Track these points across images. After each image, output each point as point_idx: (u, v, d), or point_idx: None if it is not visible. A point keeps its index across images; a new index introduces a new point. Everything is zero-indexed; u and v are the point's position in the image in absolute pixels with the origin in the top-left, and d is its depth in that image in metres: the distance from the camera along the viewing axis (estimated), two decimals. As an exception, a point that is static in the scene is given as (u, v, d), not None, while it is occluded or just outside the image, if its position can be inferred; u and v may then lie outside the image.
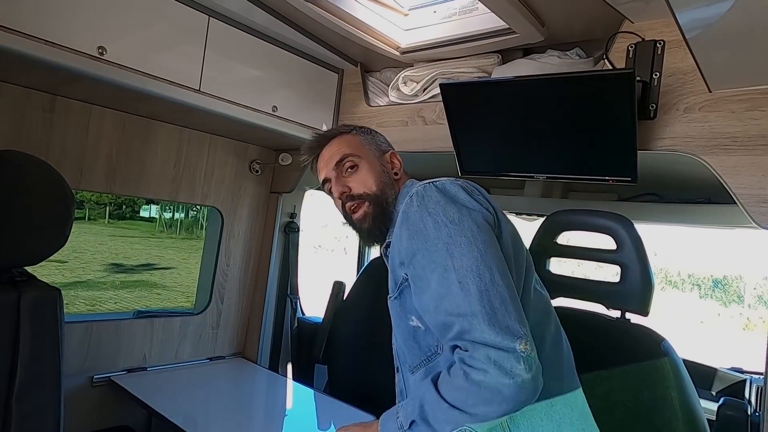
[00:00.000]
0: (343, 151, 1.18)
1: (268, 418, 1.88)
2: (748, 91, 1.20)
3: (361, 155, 1.18)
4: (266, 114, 1.82)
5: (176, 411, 1.63)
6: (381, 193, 1.15)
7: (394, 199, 1.15)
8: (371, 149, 1.21)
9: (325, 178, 1.20)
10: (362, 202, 1.14)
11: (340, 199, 1.17)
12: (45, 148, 1.63)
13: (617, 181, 1.38)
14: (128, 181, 1.87)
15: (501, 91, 1.46)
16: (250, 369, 2.22)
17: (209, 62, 1.62)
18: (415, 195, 0.97)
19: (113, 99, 1.68)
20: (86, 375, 1.82)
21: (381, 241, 1.17)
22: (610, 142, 1.34)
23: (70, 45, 1.31)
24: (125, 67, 1.43)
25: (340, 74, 2.07)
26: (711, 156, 1.24)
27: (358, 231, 1.18)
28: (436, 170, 2.41)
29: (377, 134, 1.27)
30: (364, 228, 1.15)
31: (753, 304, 14.96)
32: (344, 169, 1.17)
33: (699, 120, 1.27)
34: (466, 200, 0.97)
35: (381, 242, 1.17)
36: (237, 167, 2.22)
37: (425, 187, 0.98)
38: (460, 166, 1.66)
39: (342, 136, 1.22)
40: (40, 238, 0.93)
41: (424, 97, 1.81)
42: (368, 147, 1.21)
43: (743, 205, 1.19)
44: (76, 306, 8.29)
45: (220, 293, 2.23)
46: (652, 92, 1.32)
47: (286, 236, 2.39)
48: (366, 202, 1.14)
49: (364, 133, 1.24)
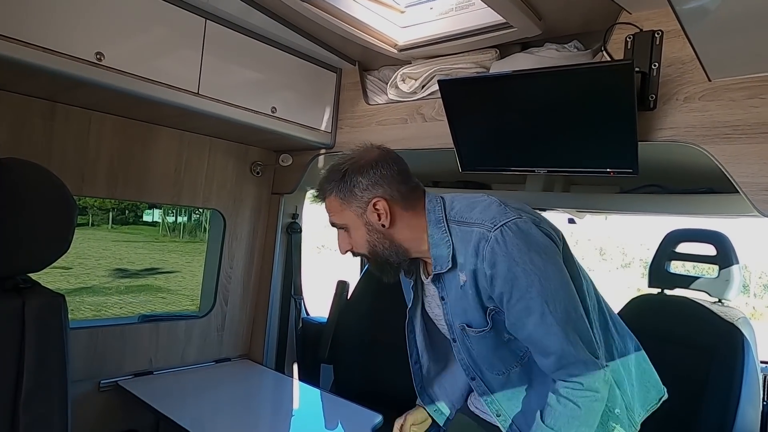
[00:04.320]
0: (331, 219, 1.22)
1: (276, 419, 1.89)
2: (748, 79, 1.19)
3: (345, 222, 1.20)
4: (265, 115, 1.82)
5: (184, 414, 1.64)
6: (371, 251, 1.20)
7: (390, 244, 1.19)
8: (352, 209, 1.18)
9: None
10: (363, 255, 1.23)
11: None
12: (46, 155, 1.64)
13: (618, 173, 1.37)
14: (130, 186, 1.87)
15: (499, 86, 1.46)
16: (256, 370, 2.22)
17: (207, 65, 1.62)
18: (498, 241, 1.07)
19: (112, 104, 1.68)
20: (93, 380, 1.83)
21: (400, 271, 1.27)
22: (611, 134, 1.34)
23: (68, 51, 1.32)
24: (123, 72, 1.43)
25: (339, 74, 2.07)
26: (712, 145, 1.24)
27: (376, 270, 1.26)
28: (437, 167, 2.41)
29: (355, 179, 1.17)
30: (377, 270, 1.24)
31: (759, 293, 14.92)
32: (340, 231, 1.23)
33: (699, 109, 1.26)
34: (542, 239, 1.10)
35: (401, 272, 1.28)
36: (238, 169, 2.22)
37: (504, 232, 1.07)
38: (461, 162, 1.66)
39: (327, 199, 1.21)
40: (42, 245, 0.94)
41: (422, 94, 1.81)
42: (349, 208, 1.18)
43: (746, 193, 1.19)
44: (81, 312, 8.31)
45: (224, 295, 2.24)
46: (652, 83, 1.32)
47: (289, 237, 2.39)
48: (366, 257, 1.23)
49: (342, 188, 1.17)
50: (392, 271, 1.23)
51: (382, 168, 1.17)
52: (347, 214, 1.18)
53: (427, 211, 1.20)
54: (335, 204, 1.19)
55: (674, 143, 1.30)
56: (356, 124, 2.02)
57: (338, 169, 1.19)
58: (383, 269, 1.23)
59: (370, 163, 1.17)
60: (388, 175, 1.17)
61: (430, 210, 1.20)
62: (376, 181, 1.16)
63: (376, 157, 1.19)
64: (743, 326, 1.64)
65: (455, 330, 1.23)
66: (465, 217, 1.17)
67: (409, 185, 1.21)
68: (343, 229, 1.21)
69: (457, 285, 1.16)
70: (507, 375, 1.22)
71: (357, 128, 2.01)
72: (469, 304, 1.16)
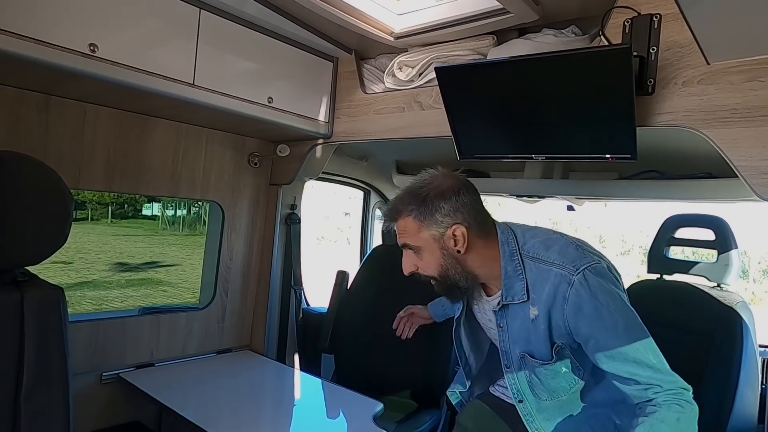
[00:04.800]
0: (402, 240, 1.27)
1: (278, 408, 1.90)
2: (747, 62, 1.18)
3: (419, 244, 1.24)
4: (262, 105, 1.81)
5: (186, 405, 1.65)
6: (442, 275, 1.25)
7: (461, 269, 1.25)
8: (430, 233, 1.22)
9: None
10: (430, 277, 1.28)
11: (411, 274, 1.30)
12: (42, 149, 1.63)
13: (617, 159, 1.37)
14: (127, 179, 1.86)
15: (497, 73, 1.45)
16: (257, 361, 2.23)
17: (202, 55, 1.61)
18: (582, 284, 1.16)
19: (107, 96, 1.67)
20: (95, 373, 1.83)
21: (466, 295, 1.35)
22: (609, 120, 1.33)
23: (61, 43, 1.30)
24: (117, 64, 1.42)
25: (335, 62, 2.06)
26: (711, 129, 1.23)
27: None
28: (436, 157, 2.40)
29: (438, 204, 1.22)
30: (444, 291, 1.30)
31: (758, 279, 14.96)
32: (408, 252, 1.27)
33: (698, 93, 1.25)
34: (615, 280, 1.21)
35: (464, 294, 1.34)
36: (235, 160, 2.21)
37: (587, 275, 1.16)
38: (458, 150, 1.65)
39: (402, 219, 1.25)
40: (39, 238, 0.93)
41: (419, 82, 1.80)
42: (426, 231, 1.22)
43: (745, 177, 1.18)
44: (82, 306, 8.33)
45: (224, 287, 2.24)
46: (650, 67, 1.31)
47: (288, 228, 2.39)
48: (435, 279, 1.28)
49: (423, 212, 1.22)
50: (459, 293, 1.30)
51: (463, 195, 1.23)
52: (423, 237, 1.23)
53: (500, 242, 1.26)
54: (412, 226, 1.23)
55: (673, 128, 1.29)
56: (353, 114, 2.01)
57: (419, 193, 1.23)
58: (451, 292, 1.29)
59: (452, 189, 1.23)
60: (468, 203, 1.23)
61: (504, 241, 1.26)
62: (457, 208, 1.22)
63: (457, 184, 1.25)
64: (742, 310, 1.65)
65: (512, 357, 1.32)
66: (541, 255, 1.23)
67: (483, 214, 1.27)
68: (413, 251, 1.26)
69: (525, 317, 1.24)
70: (554, 401, 1.31)
71: (354, 117, 2.00)
72: (537, 337, 1.24)
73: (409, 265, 1.28)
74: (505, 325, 1.30)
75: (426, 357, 2.19)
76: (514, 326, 1.29)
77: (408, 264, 1.28)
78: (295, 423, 1.74)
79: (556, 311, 1.20)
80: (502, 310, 1.29)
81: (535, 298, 1.22)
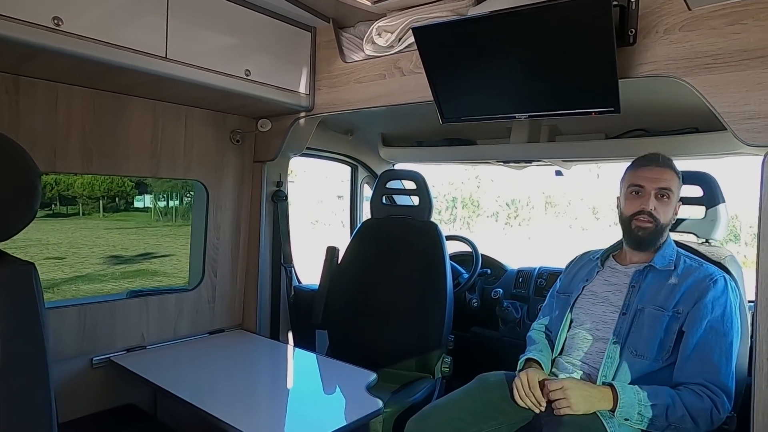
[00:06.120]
0: (671, 185, 1.52)
1: (274, 383, 1.90)
2: (728, 5, 1.16)
3: (675, 193, 1.54)
4: (239, 79, 1.76)
5: (181, 386, 1.63)
6: (666, 223, 1.54)
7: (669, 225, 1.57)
8: (678, 191, 1.56)
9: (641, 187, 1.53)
10: (654, 224, 1.52)
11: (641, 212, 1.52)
12: (14, 132, 1.58)
13: (600, 113, 1.35)
14: (105, 160, 1.82)
15: (475, 30, 1.41)
16: (250, 339, 2.22)
17: (173, 27, 1.56)
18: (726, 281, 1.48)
19: (78, 74, 1.62)
20: (85, 357, 1.82)
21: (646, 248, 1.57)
22: (591, 73, 1.31)
23: (23, 17, 1.25)
24: (84, 38, 1.37)
25: (313, 32, 2.01)
26: (693, 77, 1.21)
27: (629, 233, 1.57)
28: (421, 127, 2.37)
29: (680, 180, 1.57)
30: (639, 235, 1.54)
31: (750, 242, 15.09)
32: (659, 195, 1.51)
33: (680, 41, 1.23)
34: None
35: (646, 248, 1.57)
36: (217, 138, 2.17)
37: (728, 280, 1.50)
38: (441, 113, 1.62)
39: (675, 173, 1.53)
40: (6, 214, 0.90)
41: (399, 47, 1.76)
42: (677, 189, 1.55)
43: (728, 124, 1.17)
44: (78, 299, 8.31)
45: (213, 267, 2.22)
46: (631, 16, 1.28)
47: (275, 205, 2.36)
48: (655, 226, 1.52)
49: (680, 178, 1.56)
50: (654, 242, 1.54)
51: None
52: (675, 191, 1.53)
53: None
54: (675, 180, 1.53)
55: (655, 77, 1.27)
56: (334, 84, 1.96)
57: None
58: (653, 239, 1.54)
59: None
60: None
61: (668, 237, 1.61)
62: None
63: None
64: (730, 264, 1.65)
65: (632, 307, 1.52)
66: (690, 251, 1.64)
67: None
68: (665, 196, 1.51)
69: (662, 281, 1.51)
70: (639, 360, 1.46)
71: (335, 88, 1.96)
72: (667, 298, 1.48)
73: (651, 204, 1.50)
74: (638, 284, 1.54)
75: (419, 326, 2.20)
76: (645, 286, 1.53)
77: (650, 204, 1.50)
78: (291, 396, 1.74)
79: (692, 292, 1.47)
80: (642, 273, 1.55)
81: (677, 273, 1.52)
